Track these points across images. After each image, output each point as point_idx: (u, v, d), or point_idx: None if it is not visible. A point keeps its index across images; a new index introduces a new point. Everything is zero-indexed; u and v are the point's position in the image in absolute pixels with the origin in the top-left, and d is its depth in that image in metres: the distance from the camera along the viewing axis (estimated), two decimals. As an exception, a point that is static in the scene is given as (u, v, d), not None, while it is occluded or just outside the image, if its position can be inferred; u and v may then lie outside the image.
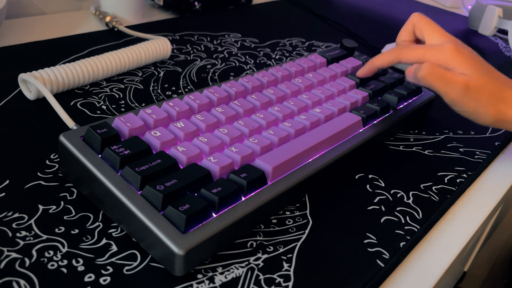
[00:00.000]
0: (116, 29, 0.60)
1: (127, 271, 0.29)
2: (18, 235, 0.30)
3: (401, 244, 0.34)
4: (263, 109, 0.41)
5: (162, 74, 0.52)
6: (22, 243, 0.30)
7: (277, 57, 0.61)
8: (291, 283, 0.30)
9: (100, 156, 0.32)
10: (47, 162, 0.37)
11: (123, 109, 0.45)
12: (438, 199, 0.39)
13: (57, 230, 0.31)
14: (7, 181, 0.34)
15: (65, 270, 0.28)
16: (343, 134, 0.40)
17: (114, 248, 0.30)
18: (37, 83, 0.41)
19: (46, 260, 0.29)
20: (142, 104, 0.46)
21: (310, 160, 0.37)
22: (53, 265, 0.29)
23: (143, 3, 0.67)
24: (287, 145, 0.36)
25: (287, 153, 0.35)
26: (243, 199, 0.32)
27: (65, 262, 0.29)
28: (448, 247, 0.36)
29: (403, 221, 0.36)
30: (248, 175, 0.32)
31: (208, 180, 0.32)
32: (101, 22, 0.62)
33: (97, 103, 0.45)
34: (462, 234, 0.37)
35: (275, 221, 0.35)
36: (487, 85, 0.39)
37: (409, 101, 0.48)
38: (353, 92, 0.46)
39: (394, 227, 0.36)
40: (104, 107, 0.45)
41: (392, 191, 0.40)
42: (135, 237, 0.31)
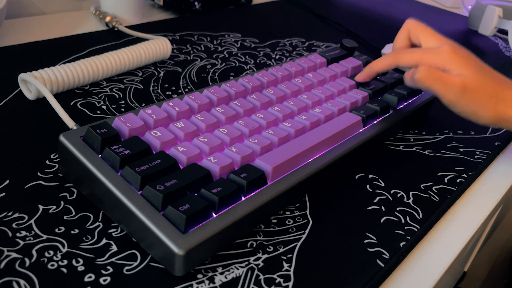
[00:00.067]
0: (116, 29, 0.60)
1: (127, 271, 0.29)
2: (18, 235, 0.30)
3: (401, 244, 0.34)
4: (263, 109, 0.41)
5: (162, 74, 0.52)
6: (22, 243, 0.30)
7: (277, 57, 0.61)
8: (291, 283, 0.30)
9: (100, 156, 0.32)
10: (47, 162, 0.37)
11: (123, 109, 0.45)
12: (438, 199, 0.39)
13: (57, 230, 0.31)
14: (7, 181, 0.34)
15: (65, 270, 0.28)
16: (343, 134, 0.40)
17: (114, 248, 0.30)
18: (37, 83, 0.41)
19: (46, 260, 0.29)
20: (142, 104, 0.46)
21: (310, 160, 0.37)
22: (53, 265, 0.29)
23: (143, 3, 0.67)
24: (287, 145, 0.36)
25: (287, 153, 0.35)
26: (243, 199, 0.32)
27: (65, 262, 0.29)
28: (448, 247, 0.36)
29: (403, 221, 0.36)
30: (248, 175, 0.32)
31: (208, 180, 0.32)
32: (101, 22, 0.62)
33: (97, 103, 0.45)
34: (462, 234, 0.37)
35: (275, 221, 0.35)
36: (485, 85, 0.39)
37: (409, 101, 0.48)
38: (353, 92, 0.46)
39: (394, 227, 0.36)
40: (104, 107, 0.45)
41: (392, 191, 0.40)
42: (135, 237, 0.31)
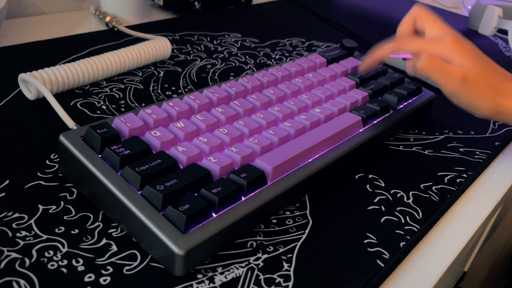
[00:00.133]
0: (116, 29, 0.60)
1: (127, 271, 0.29)
2: (18, 235, 0.30)
3: (401, 244, 0.34)
4: (263, 109, 0.41)
5: (162, 74, 0.52)
6: (22, 243, 0.30)
7: (277, 57, 0.61)
8: (291, 283, 0.30)
9: (100, 156, 0.32)
10: (47, 162, 0.37)
11: (123, 109, 0.45)
12: (438, 199, 0.39)
13: (57, 230, 0.31)
14: (7, 181, 0.34)
15: (65, 270, 0.28)
16: (343, 134, 0.40)
17: (114, 248, 0.30)
18: (37, 83, 0.41)
19: (46, 260, 0.29)
20: (142, 104, 0.46)
21: (310, 160, 0.37)
22: (53, 265, 0.29)
23: (143, 3, 0.67)
24: (287, 145, 0.36)
25: (287, 153, 0.35)
26: (243, 199, 0.32)
27: (65, 262, 0.29)
28: (448, 247, 0.36)
29: (403, 221, 0.36)
30: (248, 175, 0.32)
31: (208, 180, 0.32)
32: (101, 22, 0.62)
33: (97, 103, 0.45)
34: (462, 234, 0.37)
35: (275, 221, 0.35)
36: (485, 77, 0.40)
37: (409, 101, 0.48)
38: (353, 92, 0.46)
39: (394, 227, 0.36)
40: (104, 107, 0.45)
41: (392, 191, 0.40)
42: (135, 237, 0.31)
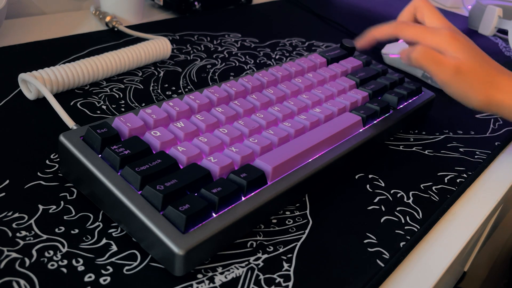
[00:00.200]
0: (116, 29, 0.60)
1: (127, 271, 0.29)
2: (18, 235, 0.30)
3: (401, 244, 0.34)
4: (263, 109, 0.41)
5: (162, 74, 0.52)
6: (22, 243, 0.30)
7: (277, 57, 0.61)
8: (291, 283, 0.30)
9: (100, 156, 0.32)
10: (47, 162, 0.37)
11: (123, 109, 0.45)
12: (438, 199, 0.39)
13: (57, 230, 0.31)
14: (7, 181, 0.34)
15: (65, 270, 0.28)
16: (343, 134, 0.40)
17: (114, 248, 0.30)
18: (37, 83, 0.41)
19: (46, 260, 0.29)
20: (142, 104, 0.46)
21: (310, 160, 0.37)
22: (53, 265, 0.29)
23: (143, 3, 0.67)
24: (287, 145, 0.36)
25: (287, 153, 0.35)
26: (243, 199, 0.32)
27: (65, 262, 0.29)
28: (448, 247, 0.36)
29: (403, 221, 0.36)
30: (248, 175, 0.32)
31: (208, 180, 0.32)
32: (101, 22, 0.62)
33: (97, 103, 0.45)
34: (462, 234, 0.37)
35: (275, 221, 0.35)
36: (478, 69, 0.40)
37: (409, 101, 0.48)
38: (353, 92, 0.46)
39: (394, 227, 0.36)
40: (104, 107, 0.45)
41: (392, 191, 0.40)
42: (135, 237, 0.31)
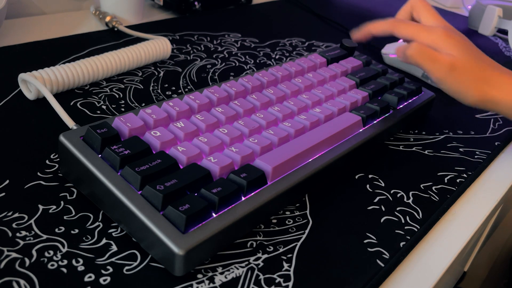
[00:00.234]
0: (116, 29, 0.60)
1: (127, 271, 0.29)
2: (18, 235, 0.30)
3: (401, 244, 0.34)
4: (263, 109, 0.41)
5: (162, 74, 0.52)
6: (22, 243, 0.30)
7: (277, 57, 0.61)
8: (291, 283, 0.30)
9: (100, 156, 0.32)
10: (47, 162, 0.37)
11: (123, 109, 0.45)
12: (438, 199, 0.39)
13: (57, 230, 0.31)
14: (7, 181, 0.34)
15: (65, 270, 0.28)
16: (343, 134, 0.40)
17: (114, 248, 0.30)
18: (37, 83, 0.41)
19: (46, 260, 0.29)
20: (142, 104, 0.46)
21: (310, 160, 0.37)
22: (53, 265, 0.29)
23: (143, 3, 0.67)
24: (287, 145, 0.36)
25: (287, 153, 0.35)
26: (243, 199, 0.32)
27: (65, 262, 0.29)
28: (448, 247, 0.36)
29: (403, 221, 0.36)
30: (248, 175, 0.32)
31: (208, 180, 0.32)
32: (101, 22, 0.62)
33: (97, 103, 0.45)
34: (462, 234, 0.37)
35: (275, 221, 0.35)
36: (473, 66, 0.41)
37: (409, 101, 0.48)
38: (353, 92, 0.46)
39: (394, 227, 0.36)
40: (104, 107, 0.45)
41: (392, 191, 0.40)
42: (135, 237, 0.31)
